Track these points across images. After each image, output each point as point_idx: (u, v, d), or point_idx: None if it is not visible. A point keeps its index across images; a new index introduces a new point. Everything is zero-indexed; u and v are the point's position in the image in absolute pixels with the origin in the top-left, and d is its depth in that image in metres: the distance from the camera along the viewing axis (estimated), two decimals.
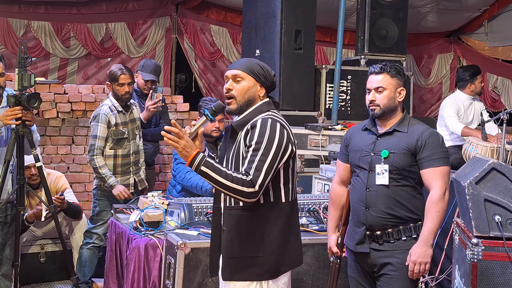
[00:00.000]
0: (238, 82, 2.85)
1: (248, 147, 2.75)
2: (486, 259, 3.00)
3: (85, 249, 5.02)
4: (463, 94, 5.88)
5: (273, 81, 2.92)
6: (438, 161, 3.16)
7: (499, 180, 3.05)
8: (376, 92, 3.27)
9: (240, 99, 2.84)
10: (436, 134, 3.25)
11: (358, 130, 3.42)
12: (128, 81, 4.97)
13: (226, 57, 8.57)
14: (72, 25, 7.71)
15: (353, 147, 3.36)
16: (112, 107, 4.98)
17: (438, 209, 3.11)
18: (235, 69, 2.87)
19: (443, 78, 9.84)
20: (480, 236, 3.03)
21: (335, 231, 3.50)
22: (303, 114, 6.25)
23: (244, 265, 2.82)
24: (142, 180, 5.14)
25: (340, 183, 3.49)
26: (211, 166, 2.68)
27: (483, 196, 3.05)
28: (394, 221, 3.19)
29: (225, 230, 2.85)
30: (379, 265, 3.24)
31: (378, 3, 6.93)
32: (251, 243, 2.81)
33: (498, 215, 3.03)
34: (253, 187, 2.68)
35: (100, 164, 4.90)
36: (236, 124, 2.86)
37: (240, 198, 2.70)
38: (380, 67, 3.29)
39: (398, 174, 3.19)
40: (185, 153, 2.68)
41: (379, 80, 3.27)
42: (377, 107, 3.25)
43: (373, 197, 3.22)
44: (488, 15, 9.02)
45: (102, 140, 4.92)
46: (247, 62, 2.89)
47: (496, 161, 3.10)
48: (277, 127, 2.77)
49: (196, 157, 2.67)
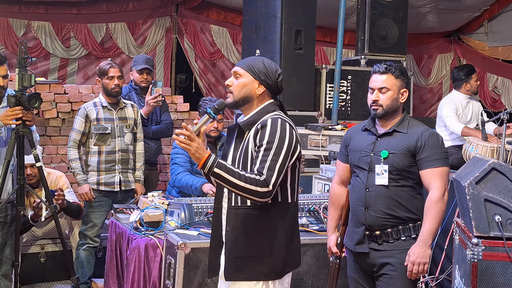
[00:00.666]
0: (237, 78, 2.89)
1: (259, 147, 2.75)
2: (486, 259, 3.00)
3: (80, 250, 5.02)
4: (460, 94, 5.88)
5: (276, 81, 2.92)
6: (438, 162, 3.16)
7: (499, 180, 3.05)
8: (379, 92, 3.26)
9: (236, 94, 2.86)
10: (436, 134, 3.25)
11: (358, 130, 3.42)
12: (117, 74, 4.99)
13: (226, 57, 8.57)
14: (72, 25, 7.71)
15: (353, 148, 3.36)
16: (98, 103, 5.01)
17: (437, 209, 3.11)
18: (237, 66, 2.93)
19: (443, 78, 9.84)
20: (480, 236, 3.03)
21: (335, 231, 3.50)
22: (303, 114, 6.24)
23: (251, 265, 2.81)
24: (128, 181, 5.06)
25: (340, 183, 3.50)
26: (224, 167, 2.68)
27: (483, 196, 3.05)
28: (393, 221, 3.19)
29: (229, 229, 2.84)
30: (378, 265, 3.24)
31: (378, 3, 6.93)
32: (258, 243, 2.81)
33: (498, 215, 3.03)
34: (267, 187, 2.68)
35: (72, 157, 4.95)
36: (244, 123, 2.86)
37: (254, 198, 2.70)
38: (385, 67, 3.27)
39: (398, 174, 3.19)
40: (197, 155, 2.68)
41: (383, 80, 3.26)
42: (380, 107, 3.25)
43: (373, 197, 3.22)
44: (488, 15, 9.02)
45: (77, 133, 4.96)
46: (250, 60, 2.92)
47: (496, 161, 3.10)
48: (287, 127, 2.79)
49: (209, 159, 2.67)
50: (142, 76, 5.50)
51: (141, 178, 5.15)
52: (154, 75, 5.69)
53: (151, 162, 5.61)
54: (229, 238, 2.84)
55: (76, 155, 4.95)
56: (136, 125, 5.15)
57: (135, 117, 5.14)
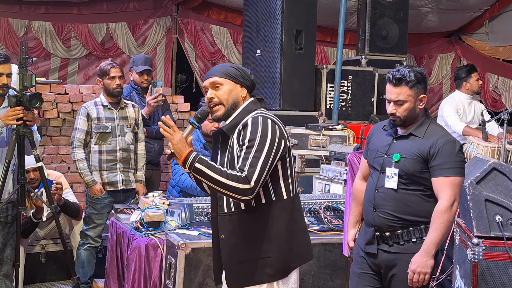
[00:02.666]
0: (218, 88, 2.82)
1: (242, 146, 2.71)
2: (487, 259, 3.00)
3: (81, 250, 5.02)
4: (461, 94, 5.87)
5: (251, 80, 2.89)
6: (450, 171, 3.04)
7: (500, 180, 3.05)
8: (395, 104, 3.17)
9: (226, 103, 2.81)
10: (453, 142, 3.10)
11: (380, 128, 3.35)
12: (118, 74, 5.01)
13: (226, 57, 8.57)
14: (72, 25, 7.71)
15: (372, 147, 3.32)
16: (98, 102, 5.02)
17: (443, 220, 3.02)
18: (211, 77, 2.85)
19: (443, 78, 9.83)
20: (481, 236, 3.03)
21: (355, 226, 3.46)
22: (303, 114, 6.24)
23: (255, 268, 2.76)
24: (129, 181, 5.06)
25: (362, 179, 3.46)
26: (206, 163, 2.64)
27: (484, 196, 3.04)
28: (402, 223, 3.14)
29: (225, 237, 2.79)
30: (388, 267, 3.19)
31: (378, 3, 6.93)
32: (259, 245, 2.76)
33: (499, 215, 3.02)
34: (248, 183, 2.62)
35: (78, 157, 4.92)
36: (227, 128, 2.81)
37: (236, 196, 2.64)
38: (399, 79, 3.13)
39: (408, 179, 3.13)
40: (179, 148, 2.65)
41: (397, 93, 3.15)
42: (398, 119, 3.18)
43: (381, 199, 3.18)
44: (488, 15, 9.02)
45: (81, 133, 4.94)
46: (220, 68, 2.87)
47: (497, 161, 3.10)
48: (269, 124, 2.73)
49: (190, 155, 2.64)
50: (143, 77, 5.52)
51: (142, 178, 5.16)
52: (155, 75, 5.69)
53: (154, 163, 5.61)
54: (225, 245, 2.79)
55: (83, 155, 4.92)
56: (137, 125, 5.15)
57: (136, 117, 5.14)
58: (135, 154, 5.14)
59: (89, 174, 4.92)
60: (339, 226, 4.08)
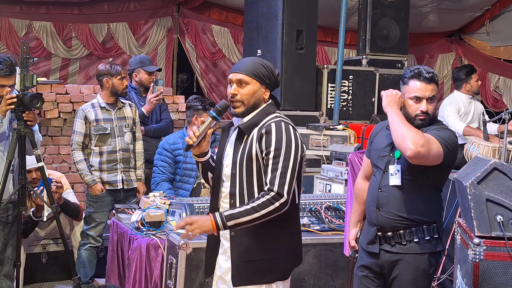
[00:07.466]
0: (243, 86, 2.79)
1: (267, 154, 2.72)
2: (488, 259, 2.99)
3: (82, 250, 5.03)
4: (461, 94, 5.89)
5: (276, 80, 2.88)
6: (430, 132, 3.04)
7: (501, 180, 3.04)
8: (427, 102, 3.12)
9: (247, 104, 2.80)
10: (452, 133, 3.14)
11: (383, 127, 3.34)
12: (125, 75, 5.12)
13: (227, 57, 8.58)
14: (73, 25, 7.72)
15: (375, 146, 3.31)
16: (96, 104, 5.04)
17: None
18: (239, 72, 2.80)
19: (444, 78, 9.83)
20: (482, 236, 3.03)
21: (356, 225, 3.46)
22: (304, 114, 6.25)
23: (263, 268, 2.77)
24: (130, 180, 5.08)
25: (364, 178, 3.46)
26: (233, 215, 2.67)
27: (485, 196, 3.04)
28: (405, 223, 3.13)
29: (235, 234, 2.79)
30: (390, 267, 3.19)
31: (379, 3, 6.93)
32: (271, 246, 2.78)
33: (500, 215, 3.02)
34: (283, 197, 2.68)
35: (77, 159, 4.95)
36: (244, 126, 2.80)
37: (279, 214, 2.69)
38: (431, 76, 3.11)
39: (411, 175, 3.11)
40: (202, 228, 2.71)
41: (432, 89, 3.12)
42: (428, 117, 3.14)
43: (385, 198, 3.17)
44: (489, 15, 9.02)
45: (79, 135, 4.97)
46: (251, 65, 2.81)
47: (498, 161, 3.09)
48: (291, 131, 2.75)
49: (216, 222, 2.68)
50: (151, 77, 5.61)
51: (142, 176, 5.19)
52: (156, 75, 5.76)
53: (152, 161, 5.62)
54: (236, 243, 2.79)
55: (81, 157, 4.95)
56: (135, 124, 5.18)
57: (134, 117, 5.18)
58: (133, 153, 5.15)
59: (89, 174, 4.93)
60: (340, 226, 4.08)
